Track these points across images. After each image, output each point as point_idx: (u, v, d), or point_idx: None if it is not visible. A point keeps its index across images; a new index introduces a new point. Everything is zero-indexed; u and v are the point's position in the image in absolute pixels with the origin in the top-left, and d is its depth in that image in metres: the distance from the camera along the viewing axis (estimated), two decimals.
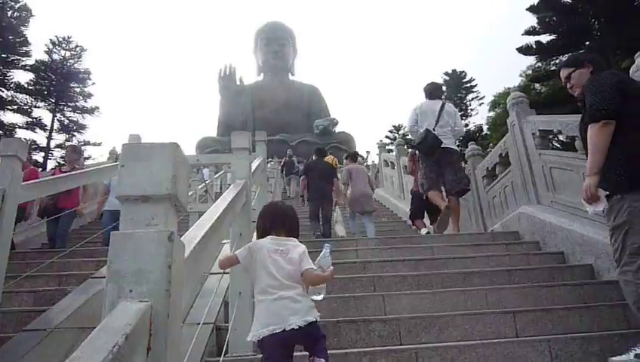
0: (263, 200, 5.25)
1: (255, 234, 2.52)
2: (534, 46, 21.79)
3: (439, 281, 3.98)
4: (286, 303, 2.07)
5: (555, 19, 21.32)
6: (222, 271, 2.92)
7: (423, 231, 6.32)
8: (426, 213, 6.62)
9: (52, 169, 7.34)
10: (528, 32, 22.17)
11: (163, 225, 1.03)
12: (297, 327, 2.01)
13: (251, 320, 2.79)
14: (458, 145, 6.25)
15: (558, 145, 14.48)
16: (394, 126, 42.86)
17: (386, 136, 42.40)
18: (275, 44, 31.92)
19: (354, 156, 7.96)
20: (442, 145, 5.47)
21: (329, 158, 6.89)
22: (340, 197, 6.85)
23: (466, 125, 36.63)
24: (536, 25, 21.98)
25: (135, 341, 0.87)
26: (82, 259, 4.79)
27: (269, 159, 12.11)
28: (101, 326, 0.85)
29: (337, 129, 29.12)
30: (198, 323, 2.95)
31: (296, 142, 25.73)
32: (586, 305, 3.32)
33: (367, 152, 12.34)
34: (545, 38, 21.77)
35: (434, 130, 5.47)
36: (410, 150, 7.20)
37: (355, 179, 6.97)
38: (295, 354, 2.15)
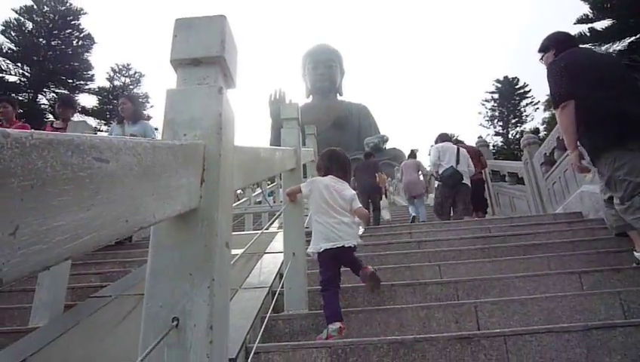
0: None
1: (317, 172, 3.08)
2: (588, 34, 20.80)
3: (498, 254, 3.85)
4: (344, 227, 2.69)
5: (609, 4, 20.32)
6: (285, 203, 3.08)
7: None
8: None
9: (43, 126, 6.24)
10: (581, 21, 21.21)
11: (214, 83, 1.10)
12: (350, 246, 2.66)
13: (305, 280, 2.84)
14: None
15: None
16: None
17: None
18: (322, 66, 32.52)
19: (411, 154, 8.95)
20: (462, 181, 6.50)
21: (380, 176, 7.53)
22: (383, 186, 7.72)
23: (521, 132, 35.41)
24: (589, 12, 21.01)
25: (190, 165, 0.92)
26: (145, 249, 5.01)
27: None
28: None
29: (388, 145, 28.99)
30: (254, 288, 3.03)
31: (350, 159, 25.79)
32: None
33: (413, 150, 11.98)
34: (599, 25, 20.76)
35: (456, 167, 6.49)
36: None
37: (406, 171, 8.12)
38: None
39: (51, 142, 0.48)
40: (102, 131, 27.64)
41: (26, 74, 25.92)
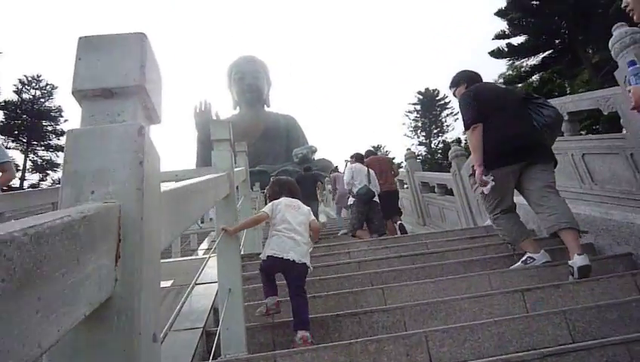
0: (248, 211, 5.04)
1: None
2: (506, 48, 22.25)
3: (438, 273, 3.80)
4: (292, 243, 2.86)
5: (523, 21, 21.87)
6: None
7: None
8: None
9: None
10: (499, 36, 22.66)
11: (132, 121, 0.85)
12: (292, 260, 2.81)
13: (243, 319, 2.59)
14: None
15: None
16: (373, 146, 43.00)
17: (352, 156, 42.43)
18: (250, 77, 32.14)
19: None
20: (373, 198, 7.02)
21: (319, 186, 8.64)
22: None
23: (443, 141, 37.03)
24: (506, 28, 22.49)
25: (99, 242, 0.67)
26: None
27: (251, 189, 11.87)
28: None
29: (316, 156, 29.12)
30: (186, 329, 2.72)
31: (277, 172, 25.54)
32: (595, 278, 3.17)
33: (347, 161, 12.39)
34: (516, 41, 22.30)
35: (369, 185, 7.00)
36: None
37: (339, 181, 8.31)
38: None
39: None
40: (9, 149, 25.28)
41: None
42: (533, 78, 22.49)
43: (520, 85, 21.23)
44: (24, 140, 27.17)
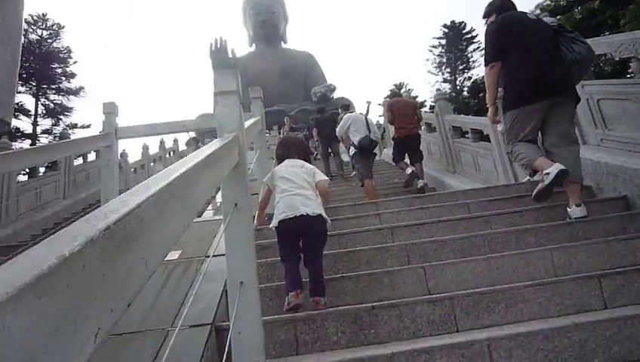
0: (266, 167, 4.49)
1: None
2: None
3: (486, 245, 3.24)
4: (301, 199, 2.65)
5: None
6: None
7: (408, 170, 7.18)
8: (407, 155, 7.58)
9: None
10: None
11: None
12: (306, 214, 2.59)
13: (259, 318, 2.11)
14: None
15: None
16: (395, 85, 41.34)
17: (386, 97, 41.09)
18: (265, 12, 30.60)
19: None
20: (375, 148, 7.07)
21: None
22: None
23: (469, 78, 35.38)
24: None
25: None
26: None
27: (267, 132, 11.26)
28: None
29: (335, 95, 28.09)
30: (192, 326, 2.26)
31: (295, 111, 24.75)
32: None
33: (368, 102, 12.32)
34: None
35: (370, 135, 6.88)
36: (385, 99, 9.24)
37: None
38: None
39: None
40: (20, 93, 24.70)
41: None
42: (577, 8, 20.40)
43: (559, 17, 19.24)
44: (33, 84, 26.48)
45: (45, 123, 27.73)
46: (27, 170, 9.44)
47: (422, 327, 2.32)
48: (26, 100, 26.54)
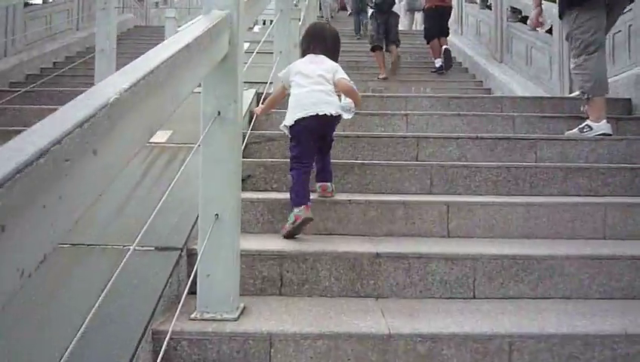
0: (289, 42, 3.81)
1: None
2: None
3: (529, 180, 2.71)
4: (320, 95, 2.27)
5: None
6: None
7: (437, 62, 7.24)
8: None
9: None
10: None
11: None
12: (330, 114, 2.24)
13: (236, 264, 1.71)
14: None
15: None
16: None
17: None
18: None
19: None
20: (392, 7, 7.24)
21: None
22: None
23: None
24: None
25: None
26: None
27: None
28: None
29: None
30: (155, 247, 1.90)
31: None
32: None
33: None
34: None
35: None
36: None
37: None
38: None
39: None
40: None
41: None
42: None
43: None
44: None
45: None
46: None
47: (433, 290, 1.93)
48: None
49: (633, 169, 2.77)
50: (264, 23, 11.72)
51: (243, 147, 2.29)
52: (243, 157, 2.08)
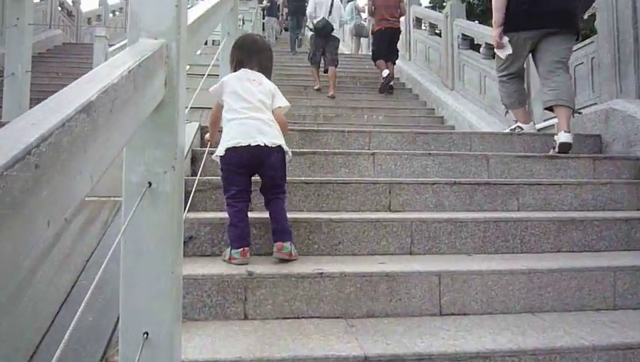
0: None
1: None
2: None
3: (518, 234, 2.38)
4: (257, 124, 2.08)
5: None
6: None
7: (384, 72, 7.47)
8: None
9: None
10: None
11: None
12: (263, 145, 2.03)
13: None
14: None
15: None
16: None
17: None
18: None
19: None
20: (331, 32, 7.32)
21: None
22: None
23: None
24: None
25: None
26: None
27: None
28: None
29: None
30: None
31: None
32: None
33: None
34: None
35: (327, 18, 7.22)
36: None
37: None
38: None
39: None
40: None
41: None
42: None
43: None
44: None
45: None
46: None
47: None
48: None
49: (627, 220, 2.51)
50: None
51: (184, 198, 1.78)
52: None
